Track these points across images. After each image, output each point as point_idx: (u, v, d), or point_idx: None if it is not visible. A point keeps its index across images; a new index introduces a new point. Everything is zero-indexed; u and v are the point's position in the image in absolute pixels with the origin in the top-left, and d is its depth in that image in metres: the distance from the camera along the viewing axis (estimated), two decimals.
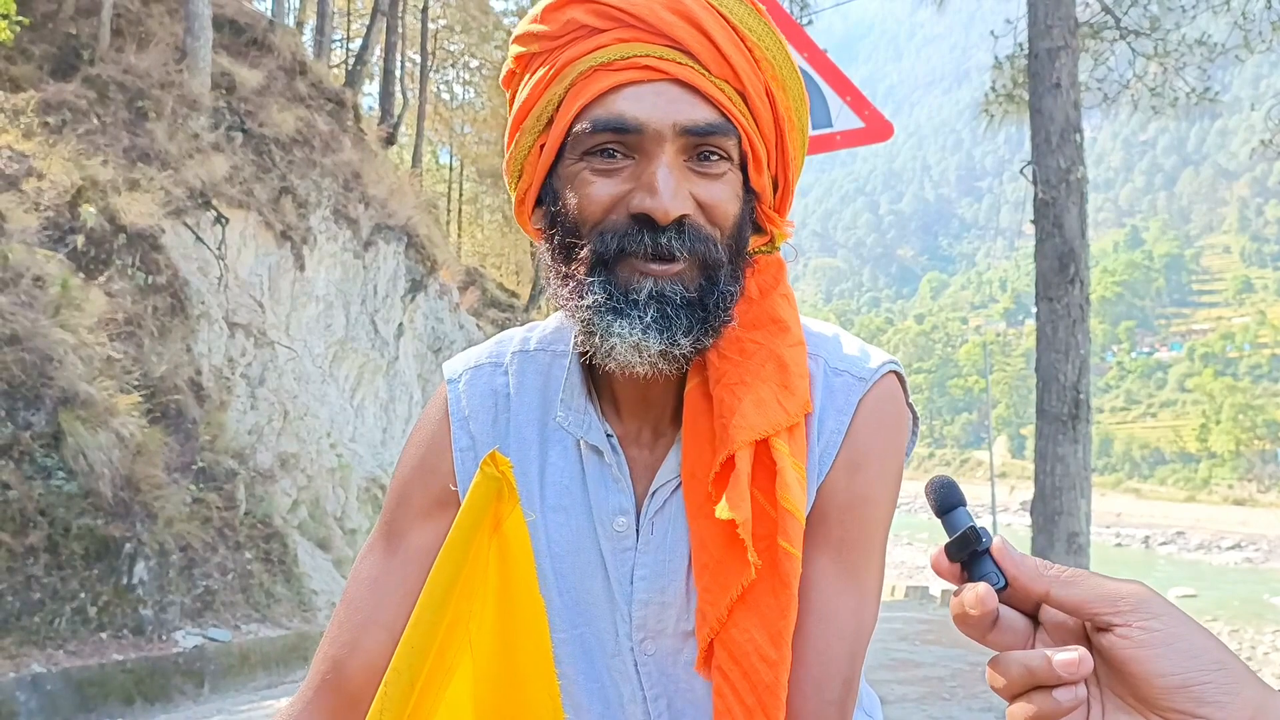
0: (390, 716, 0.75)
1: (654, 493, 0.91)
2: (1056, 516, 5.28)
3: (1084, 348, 5.44)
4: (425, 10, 24.15)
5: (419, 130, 23.98)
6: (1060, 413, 5.35)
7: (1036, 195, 5.56)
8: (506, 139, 0.92)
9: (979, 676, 7.63)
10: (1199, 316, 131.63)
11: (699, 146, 0.84)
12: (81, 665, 6.13)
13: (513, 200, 0.95)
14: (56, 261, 7.86)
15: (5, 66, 10.11)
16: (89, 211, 8.42)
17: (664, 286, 0.83)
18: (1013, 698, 0.53)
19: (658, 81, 0.83)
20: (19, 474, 6.48)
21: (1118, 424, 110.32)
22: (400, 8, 21.41)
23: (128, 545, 6.86)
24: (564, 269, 0.87)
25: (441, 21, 28.23)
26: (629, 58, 0.82)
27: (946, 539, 0.58)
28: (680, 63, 0.83)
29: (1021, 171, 5.78)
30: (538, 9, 0.87)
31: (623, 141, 0.83)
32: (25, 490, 6.44)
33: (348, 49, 26.02)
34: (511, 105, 0.91)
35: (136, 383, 7.78)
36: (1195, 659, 0.49)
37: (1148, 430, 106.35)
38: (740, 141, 0.86)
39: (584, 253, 0.84)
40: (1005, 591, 0.55)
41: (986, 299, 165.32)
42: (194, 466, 8.17)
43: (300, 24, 20.24)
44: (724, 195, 0.85)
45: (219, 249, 10.17)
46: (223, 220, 10.28)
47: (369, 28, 19.17)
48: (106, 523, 6.79)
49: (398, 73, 22.80)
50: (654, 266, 0.83)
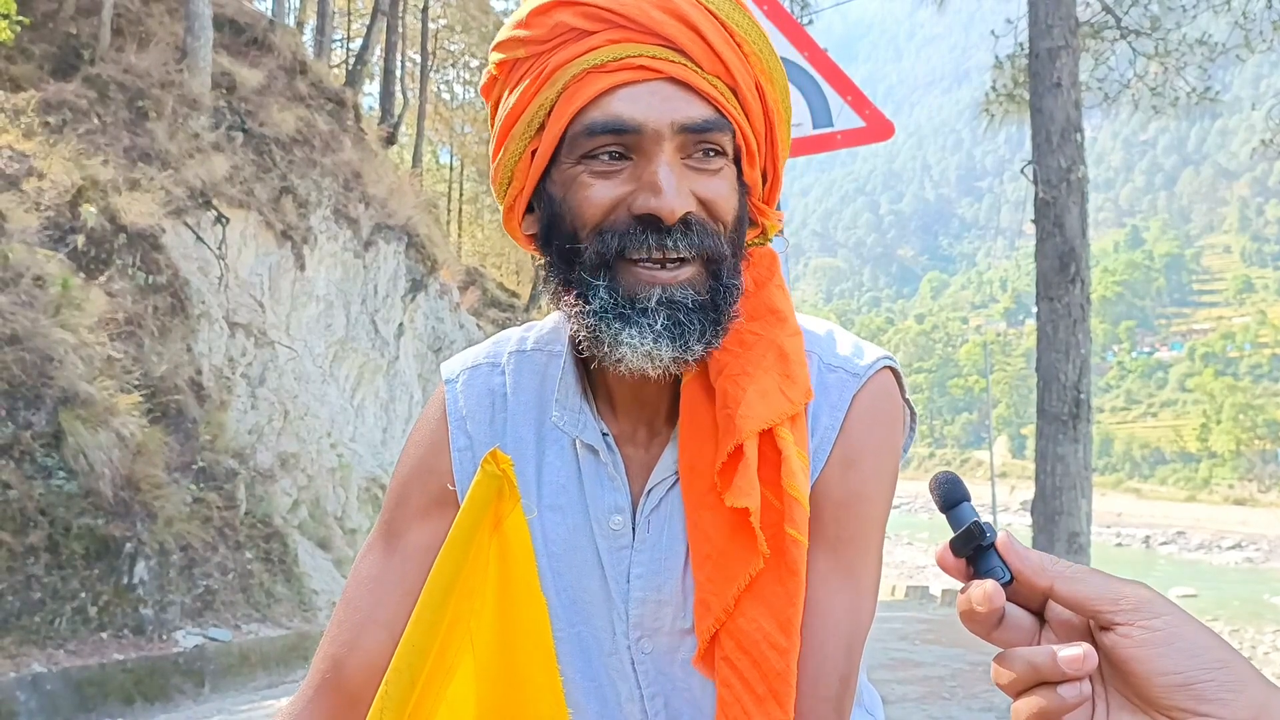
0: (391, 715, 0.75)
1: (649, 490, 0.91)
2: (1057, 516, 5.28)
3: (1084, 347, 5.43)
4: (425, 10, 24.15)
5: (419, 130, 23.98)
6: (1061, 412, 5.34)
7: (1037, 195, 5.55)
8: (492, 147, 0.91)
9: (979, 676, 7.63)
10: (1199, 316, 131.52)
11: (697, 143, 0.84)
12: (81, 665, 6.13)
13: (501, 208, 0.94)
14: (57, 261, 7.86)
15: (6, 66, 10.11)
16: (89, 211, 8.42)
17: (673, 292, 0.82)
18: (1017, 694, 0.53)
19: (652, 81, 0.83)
20: (19, 473, 6.48)
21: (1118, 424, 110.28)
22: (400, 7, 21.41)
23: (128, 545, 6.86)
24: (565, 274, 0.86)
25: (442, 21, 28.23)
26: (622, 59, 0.82)
27: (949, 536, 0.59)
28: (673, 61, 0.83)
29: (1022, 171, 5.77)
30: (521, 14, 0.86)
31: (621, 143, 0.83)
32: (26, 490, 6.44)
33: (348, 49, 26.02)
34: (494, 113, 0.90)
35: (137, 382, 7.78)
36: (1196, 658, 0.50)
37: (1148, 430, 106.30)
38: (734, 136, 0.86)
39: (585, 255, 0.84)
40: (1010, 587, 0.55)
41: (987, 299, 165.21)
42: (194, 466, 8.17)
43: (300, 24, 20.23)
44: (724, 190, 0.85)
45: (219, 249, 10.17)
46: (223, 220, 10.28)
47: (369, 27, 19.17)
48: (107, 522, 6.79)
49: (398, 72, 22.80)
50: (661, 274, 0.83)
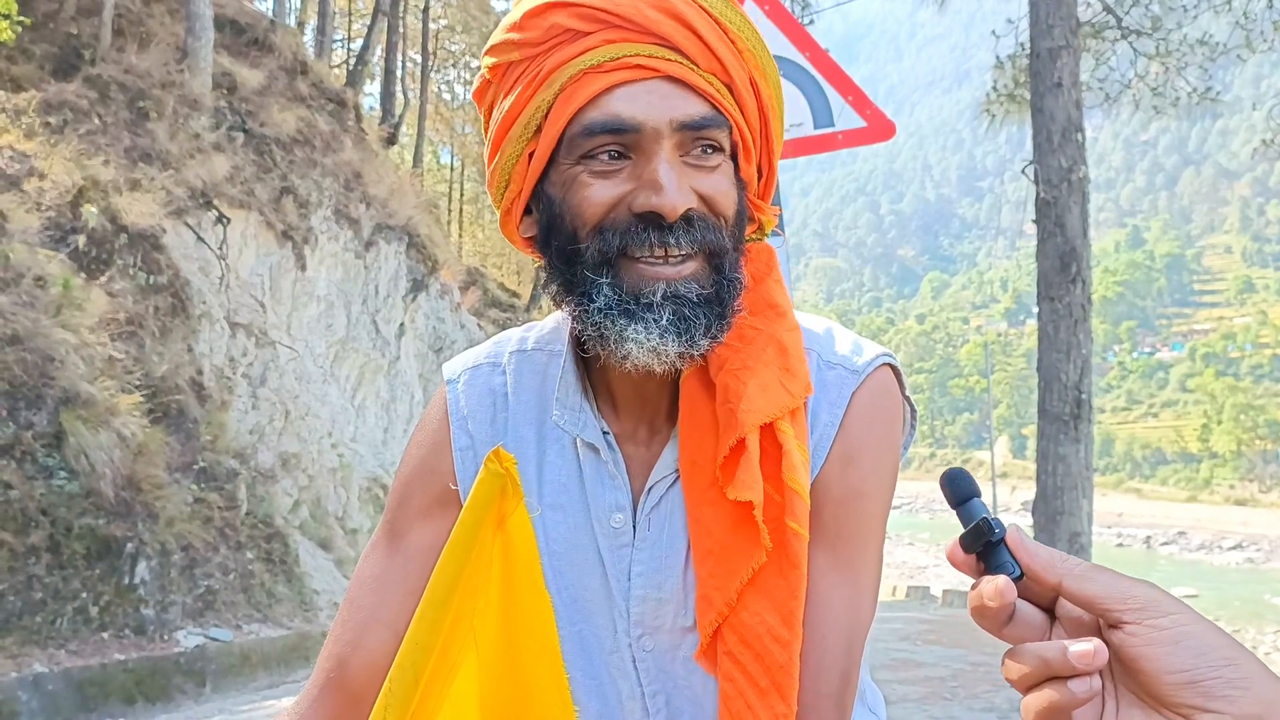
0: (394, 713, 0.75)
1: (650, 488, 0.91)
2: (1058, 516, 5.28)
3: (1085, 347, 5.43)
4: (426, 10, 24.16)
5: (420, 130, 23.99)
6: (1062, 413, 5.34)
7: (1038, 195, 5.55)
8: (488, 150, 0.91)
9: (980, 677, 7.63)
10: (1200, 316, 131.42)
11: (695, 141, 0.84)
12: (83, 665, 6.13)
13: (498, 211, 0.94)
14: (58, 261, 7.86)
15: (7, 66, 10.11)
16: (90, 211, 8.42)
17: (677, 287, 0.83)
18: (1027, 689, 0.54)
19: (649, 80, 0.83)
20: (21, 474, 6.49)
21: (1119, 424, 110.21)
22: (401, 8, 21.41)
23: (129, 545, 6.86)
24: (566, 274, 0.87)
25: (442, 21, 28.23)
26: (618, 58, 0.82)
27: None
28: (669, 59, 0.83)
29: (1023, 171, 5.77)
30: (515, 17, 0.86)
31: (620, 142, 0.83)
32: (27, 490, 6.44)
33: (349, 49, 26.03)
34: (489, 117, 0.91)
35: (138, 382, 7.78)
36: (1203, 656, 0.50)
37: (1149, 430, 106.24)
38: (731, 132, 0.86)
39: (587, 255, 0.84)
40: (1020, 582, 0.56)
41: (988, 299, 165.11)
42: (195, 466, 8.18)
43: (301, 24, 20.23)
44: (723, 186, 0.86)
45: (220, 249, 10.18)
46: (224, 220, 10.28)
47: (370, 28, 19.18)
48: (108, 522, 6.79)
49: (399, 73, 22.81)
50: (665, 269, 0.83)
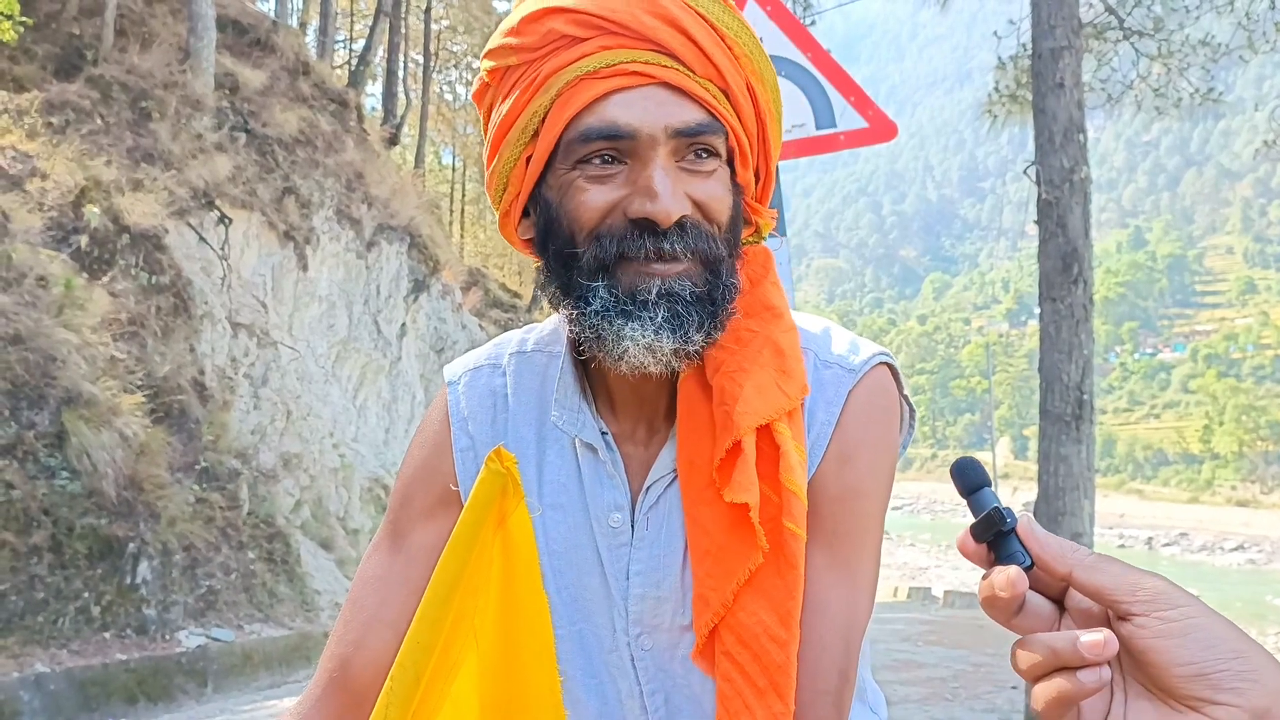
0: (396, 712, 0.75)
1: (648, 488, 0.92)
2: (1059, 517, 5.26)
3: (1087, 348, 5.41)
4: (428, 11, 24.18)
5: (422, 131, 24.01)
6: (1063, 413, 5.33)
7: (1039, 196, 5.53)
8: (487, 153, 0.92)
9: (981, 677, 7.63)
10: (1202, 317, 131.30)
11: (690, 146, 0.85)
12: (85, 665, 6.14)
13: (497, 214, 0.95)
14: (60, 261, 7.87)
15: (9, 67, 10.13)
16: (92, 212, 8.43)
17: (671, 285, 0.83)
18: (1036, 679, 0.54)
19: (645, 86, 0.83)
20: (23, 473, 6.49)
21: (1121, 425, 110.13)
22: (403, 9, 21.43)
23: (131, 545, 6.87)
24: (563, 279, 0.87)
25: (444, 22, 28.25)
26: (614, 64, 0.83)
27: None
28: (665, 65, 0.83)
29: (1024, 172, 5.75)
30: (513, 21, 0.86)
31: (615, 148, 0.83)
32: (29, 490, 6.45)
33: (351, 50, 26.06)
34: (487, 120, 0.91)
35: (140, 383, 7.79)
36: (1212, 648, 0.50)
37: (1151, 431, 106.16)
38: (727, 138, 0.87)
39: (583, 260, 0.85)
40: (1030, 572, 0.56)
41: (989, 299, 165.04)
42: (197, 466, 8.18)
43: (303, 25, 20.25)
44: (718, 192, 0.86)
45: (222, 249, 10.18)
46: (226, 220, 10.29)
47: (372, 28, 19.20)
48: (110, 522, 6.80)
49: (401, 73, 22.83)
50: (658, 267, 0.83)
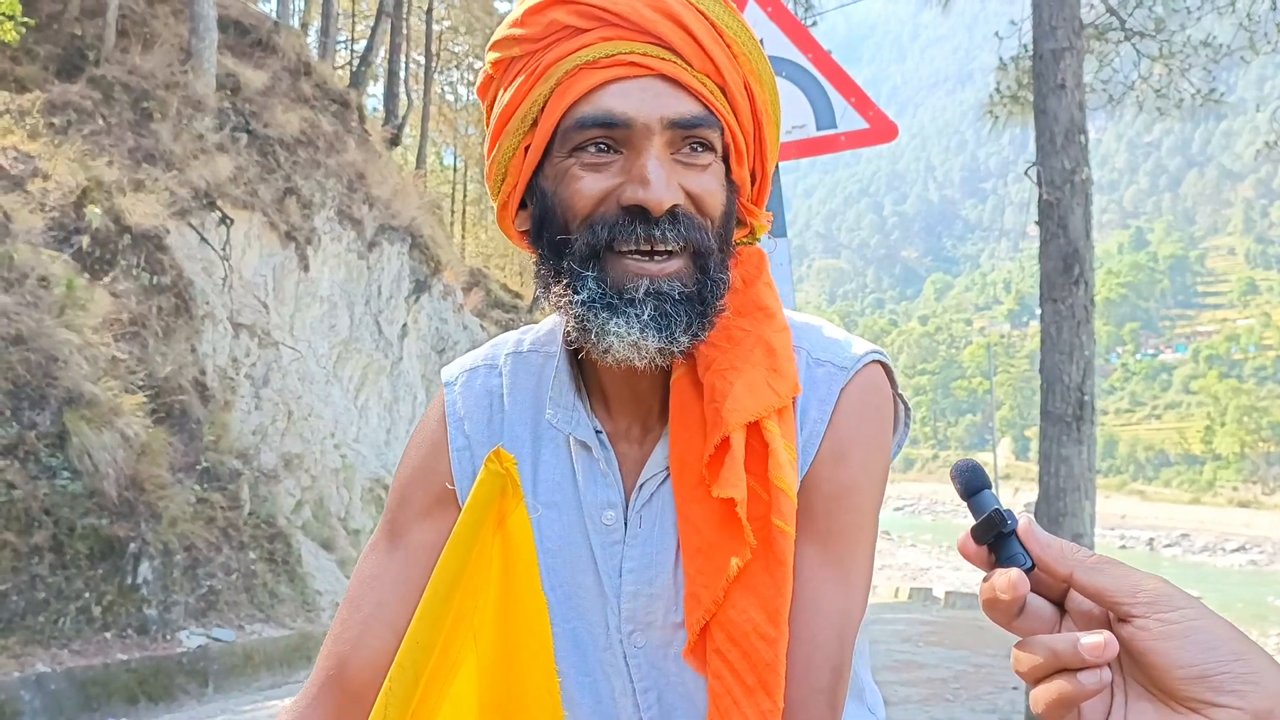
0: (395, 712, 0.75)
1: (641, 485, 0.92)
2: (1060, 518, 5.26)
3: (1088, 349, 5.40)
4: (430, 12, 24.20)
5: (423, 131, 24.02)
6: (1064, 414, 5.32)
7: (1041, 196, 5.52)
8: (487, 145, 0.93)
9: (982, 678, 7.63)
10: (1204, 318, 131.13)
11: (685, 139, 0.85)
12: (86, 665, 6.14)
13: (495, 206, 0.96)
14: (61, 262, 7.88)
15: (11, 67, 10.13)
16: (94, 212, 8.44)
17: (660, 284, 0.84)
18: (1036, 681, 0.54)
19: (643, 77, 0.84)
20: (24, 473, 6.50)
21: (1122, 426, 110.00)
22: (404, 9, 21.44)
23: (132, 545, 6.87)
24: (555, 265, 0.88)
25: (446, 23, 28.26)
26: (613, 55, 0.84)
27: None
28: (663, 58, 0.84)
29: (1026, 173, 5.74)
30: (516, 13, 0.88)
31: (611, 136, 0.84)
32: (30, 490, 6.45)
33: (352, 50, 26.08)
34: (490, 112, 0.92)
35: (141, 383, 7.79)
36: (1213, 651, 0.50)
37: (1152, 432, 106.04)
38: (723, 134, 0.88)
39: (575, 246, 0.86)
40: (1031, 574, 0.56)
41: (991, 300, 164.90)
42: (198, 467, 8.19)
43: (305, 25, 20.27)
44: (712, 186, 0.87)
45: (223, 249, 10.19)
46: (227, 221, 10.30)
47: (373, 29, 19.22)
48: (111, 522, 6.80)
49: (402, 74, 22.84)
50: (649, 265, 0.84)
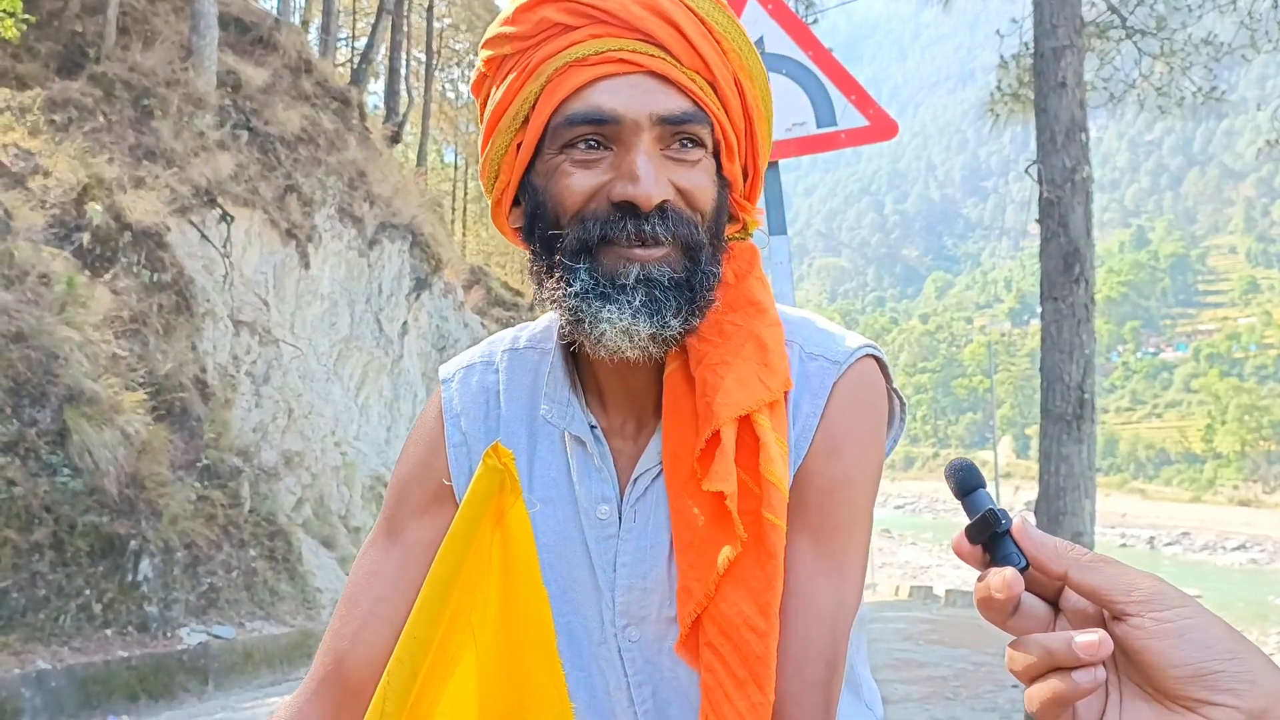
0: (392, 706, 0.75)
1: (635, 480, 0.93)
2: (1061, 517, 5.25)
3: (1089, 348, 5.40)
4: (430, 9, 24.19)
5: (424, 129, 24.02)
6: (1065, 413, 5.32)
7: (1041, 195, 5.52)
8: (481, 143, 0.94)
9: (982, 676, 7.63)
10: (1204, 317, 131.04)
11: (675, 135, 0.86)
12: (86, 662, 6.14)
13: (489, 203, 0.97)
14: (62, 259, 7.88)
15: (11, 64, 10.14)
16: (95, 209, 8.44)
17: (650, 270, 0.85)
18: (1031, 680, 0.54)
19: (632, 74, 0.85)
20: (24, 471, 6.50)
21: (1123, 424, 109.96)
22: (405, 6, 21.43)
23: (132, 542, 6.88)
24: (547, 260, 0.89)
25: (446, 20, 28.26)
26: (603, 52, 0.85)
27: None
28: (653, 55, 0.85)
29: (1026, 171, 5.74)
30: (508, 12, 0.89)
31: (601, 133, 0.85)
32: (31, 487, 6.46)
33: (353, 47, 26.08)
34: (483, 110, 0.93)
35: (142, 380, 7.80)
36: (1208, 650, 0.50)
37: (1153, 431, 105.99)
38: (713, 130, 0.88)
39: (566, 241, 0.86)
40: (1026, 573, 0.56)
41: (991, 299, 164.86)
42: (199, 464, 8.19)
43: (306, 23, 20.27)
44: (701, 181, 0.88)
45: (224, 247, 10.19)
46: (228, 218, 10.30)
47: (374, 26, 19.21)
48: (111, 520, 6.81)
49: (403, 71, 22.84)
50: (639, 251, 0.85)
